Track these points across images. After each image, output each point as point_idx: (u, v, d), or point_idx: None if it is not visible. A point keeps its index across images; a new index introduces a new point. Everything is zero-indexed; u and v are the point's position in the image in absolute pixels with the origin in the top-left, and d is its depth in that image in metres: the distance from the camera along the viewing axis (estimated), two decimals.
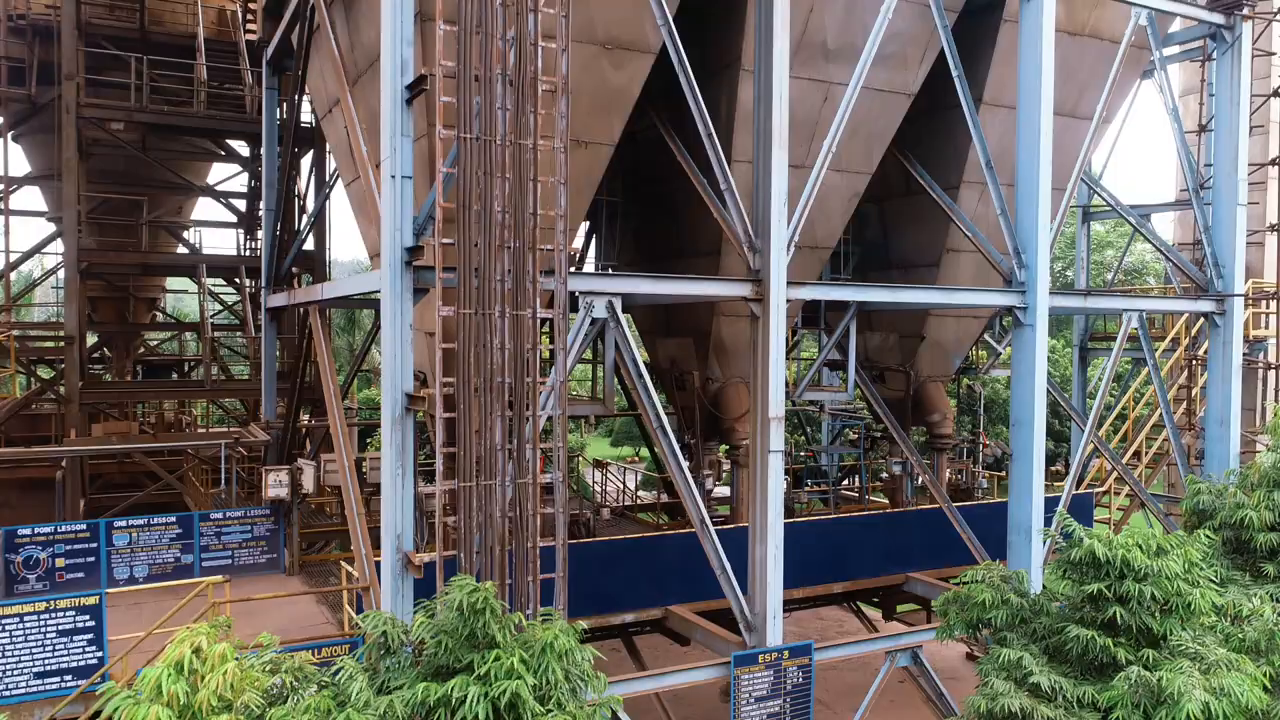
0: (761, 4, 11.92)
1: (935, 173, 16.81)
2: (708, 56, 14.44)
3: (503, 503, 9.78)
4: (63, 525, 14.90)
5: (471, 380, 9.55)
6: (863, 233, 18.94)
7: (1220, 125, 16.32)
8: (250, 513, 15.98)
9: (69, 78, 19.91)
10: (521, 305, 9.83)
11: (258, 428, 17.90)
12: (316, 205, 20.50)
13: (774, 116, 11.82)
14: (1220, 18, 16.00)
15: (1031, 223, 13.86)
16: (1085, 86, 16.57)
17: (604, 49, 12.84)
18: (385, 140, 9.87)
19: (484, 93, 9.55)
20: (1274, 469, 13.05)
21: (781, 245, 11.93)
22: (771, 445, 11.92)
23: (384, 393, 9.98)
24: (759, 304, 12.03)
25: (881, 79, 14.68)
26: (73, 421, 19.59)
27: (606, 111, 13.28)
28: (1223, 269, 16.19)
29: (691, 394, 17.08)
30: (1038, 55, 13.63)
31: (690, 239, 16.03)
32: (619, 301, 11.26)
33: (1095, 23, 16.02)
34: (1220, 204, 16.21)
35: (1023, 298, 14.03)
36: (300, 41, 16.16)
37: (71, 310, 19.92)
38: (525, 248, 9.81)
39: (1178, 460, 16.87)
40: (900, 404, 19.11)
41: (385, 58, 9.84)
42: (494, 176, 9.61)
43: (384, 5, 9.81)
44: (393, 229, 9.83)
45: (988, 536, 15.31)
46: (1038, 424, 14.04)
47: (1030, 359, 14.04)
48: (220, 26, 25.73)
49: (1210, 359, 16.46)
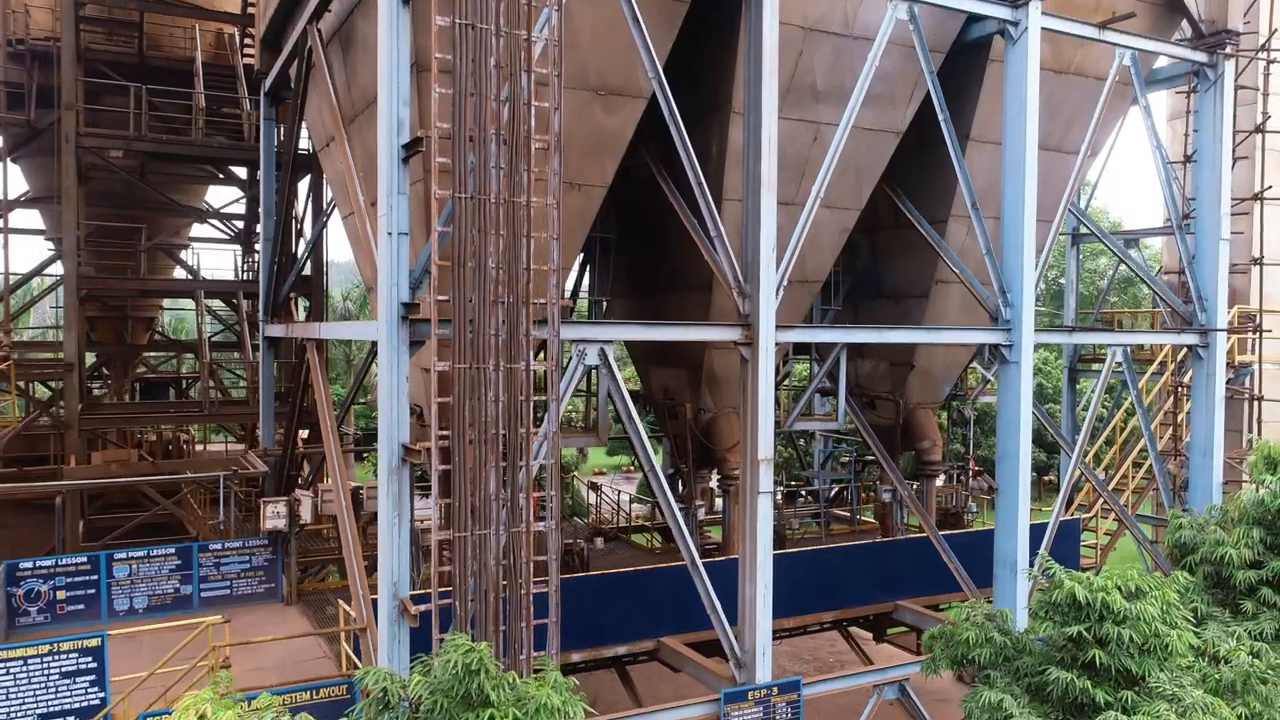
0: (750, 53, 12.18)
1: (924, 206, 17.07)
2: (699, 98, 14.67)
3: (497, 550, 10.02)
4: (63, 558, 15.12)
5: (466, 433, 9.79)
6: (853, 262, 19.20)
7: (1203, 161, 16.60)
8: (248, 543, 16.20)
9: (68, 107, 20.12)
10: (515, 358, 10.06)
11: (255, 455, 18.11)
12: (314, 234, 20.70)
13: (763, 163, 12.07)
14: (1203, 56, 16.28)
15: (1017, 262, 14.12)
16: (1071, 122, 16.84)
17: (597, 94, 13.08)
18: (382, 198, 10.10)
19: (478, 152, 9.78)
20: (1254, 506, 13.32)
21: (770, 290, 12.18)
22: (761, 487, 12.16)
23: (380, 443, 10.21)
24: (748, 347, 12.28)
25: (870, 118, 14.92)
26: (72, 447, 19.79)
27: (599, 155, 13.52)
28: (1206, 302, 16.46)
29: (684, 423, 17.32)
30: (1023, 100, 13.91)
31: (682, 274, 16.27)
32: (611, 349, 11.50)
33: (1081, 61, 16.28)
34: (1203, 238, 16.48)
35: (1008, 335, 14.30)
36: (299, 76, 16.39)
37: (71, 337, 20.12)
38: (519, 302, 10.05)
39: (1161, 490, 17.13)
40: (890, 430, 19.36)
41: (382, 117, 10.07)
42: (488, 233, 9.85)
43: (381, 66, 10.05)
44: (389, 285, 10.07)
45: (977, 563, 15.55)
46: (1023, 459, 14.29)
47: (1016, 395, 14.30)
48: (218, 50, 25.93)
49: (1194, 391, 16.74)
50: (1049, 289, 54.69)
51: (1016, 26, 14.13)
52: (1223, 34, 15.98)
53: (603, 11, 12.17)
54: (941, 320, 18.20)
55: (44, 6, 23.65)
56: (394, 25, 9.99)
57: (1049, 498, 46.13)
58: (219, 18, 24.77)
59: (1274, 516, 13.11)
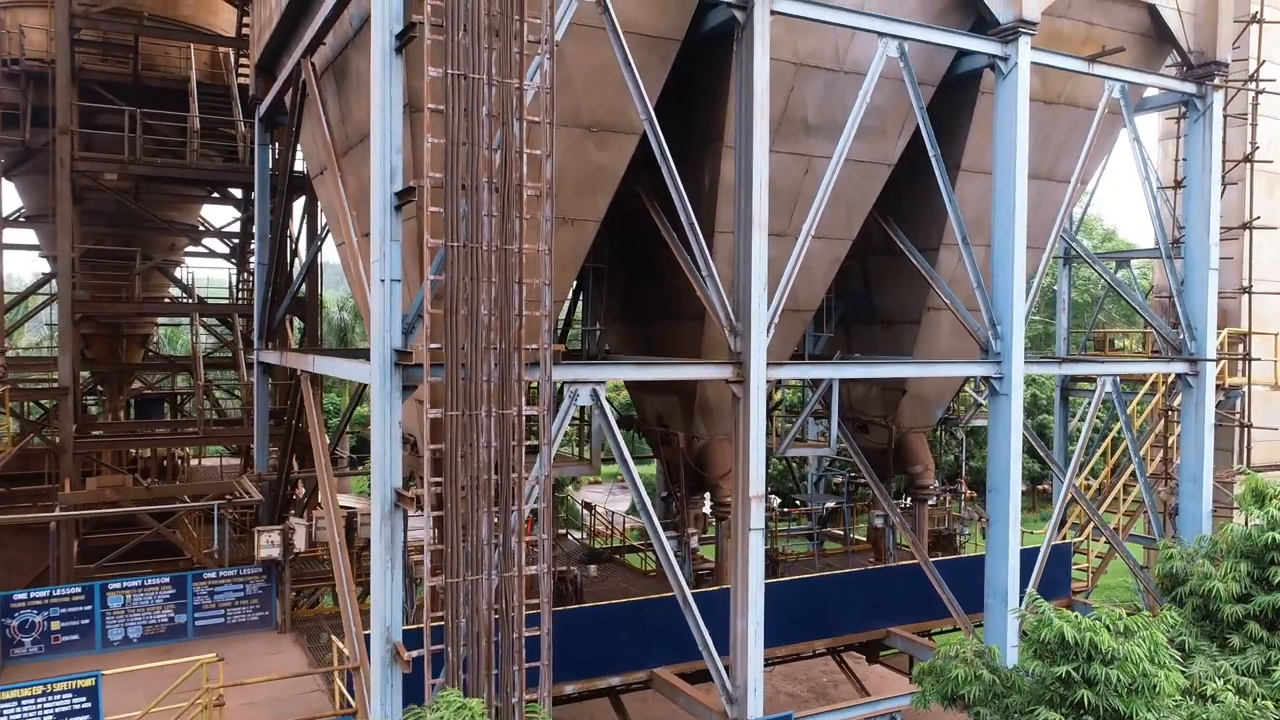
0: (742, 96, 12.26)
1: (915, 234, 17.16)
2: (691, 131, 14.76)
3: (489, 595, 10.09)
4: (57, 589, 15.15)
5: (459, 479, 9.86)
6: (846, 286, 19.27)
7: (1192, 190, 16.71)
8: (243, 571, 16.23)
9: (63, 131, 20.15)
10: (507, 404, 10.14)
11: (250, 480, 18.14)
12: (308, 257, 20.75)
13: (754, 204, 12.15)
14: (1192, 87, 16.40)
15: (1007, 296, 14.22)
16: (1061, 151, 16.94)
17: (589, 132, 13.16)
18: (375, 244, 10.16)
19: (471, 200, 9.86)
20: (1242, 540, 13.40)
21: (762, 328, 12.26)
22: (752, 524, 12.24)
23: (374, 488, 10.27)
24: (740, 385, 12.36)
25: (862, 151, 15.00)
26: (67, 471, 19.82)
27: (592, 190, 13.60)
28: (1195, 331, 16.58)
29: (676, 450, 17.39)
30: (1012, 135, 14.01)
31: (675, 303, 16.34)
32: (603, 389, 11.58)
33: (1071, 91, 16.39)
34: (1193, 267, 16.60)
35: (999, 368, 14.40)
36: (293, 105, 16.45)
37: (65, 360, 20.15)
38: (511, 348, 10.12)
39: (1151, 519, 17.23)
40: (883, 454, 19.46)
41: (375, 165, 10.13)
42: (480, 280, 9.93)
43: (374, 115, 10.11)
44: (382, 331, 10.13)
45: (968, 588, 15.63)
46: (1013, 490, 14.40)
47: (1006, 427, 14.40)
48: (213, 69, 25.97)
49: (1184, 419, 16.86)
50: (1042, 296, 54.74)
51: (1006, 62, 14.24)
52: (1211, 65, 16.09)
53: (595, 52, 12.26)
54: (933, 346, 18.31)
55: (39, 27, 23.69)
56: (387, 74, 10.05)
57: (1042, 506, 46.25)
58: (213, 40, 24.82)
59: (1262, 550, 13.19)
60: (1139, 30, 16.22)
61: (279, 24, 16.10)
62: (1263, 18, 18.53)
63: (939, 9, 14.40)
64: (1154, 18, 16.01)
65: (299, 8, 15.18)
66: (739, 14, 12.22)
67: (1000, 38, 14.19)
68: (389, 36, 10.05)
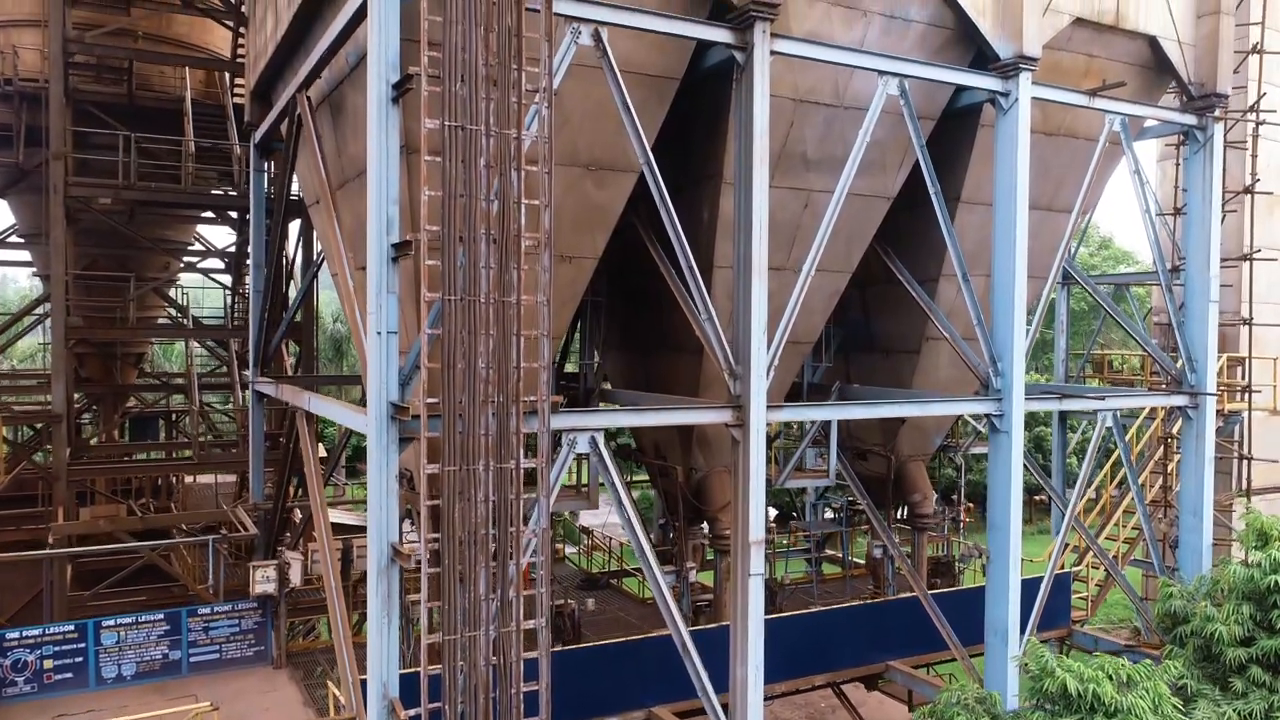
0: (741, 138, 12.16)
1: (915, 265, 17.07)
2: (690, 166, 14.67)
3: (486, 650, 9.97)
4: (50, 627, 15.02)
5: (457, 535, 9.75)
6: (845, 314, 19.18)
7: (1192, 222, 16.65)
8: (238, 606, 16.11)
9: (56, 157, 20.00)
10: (505, 458, 10.02)
11: (245, 512, 18.01)
12: (304, 284, 20.61)
13: (754, 248, 12.05)
14: (1193, 119, 16.33)
15: (1007, 332, 14.14)
16: (1061, 182, 16.87)
17: (588, 170, 13.06)
18: (372, 297, 10.05)
19: (468, 252, 9.74)
20: (1245, 582, 13.34)
21: (761, 372, 12.16)
22: (752, 569, 12.14)
23: (370, 543, 10.16)
24: (739, 429, 12.26)
25: (862, 185, 14.89)
26: (61, 498, 19.66)
27: (590, 228, 13.50)
28: (1195, 363, 16.51)
29: (674, 481, 17.29)
30: (1013, 171, 13.94)
31: (673, 336, 16.22)
32: (601, 436, 11.47)
33: (1071, 123, 16.31)
34: (1193, 300, 16.53)
35: (999, 405, 14.31)
36: (289, 136, 16.33)
37: (59, 386, 20.00)
38: (509, 401, 10.01)
39: (1152, 553, 17.16)
40: (882, 482, 19.37)
41: (372, 216, 10.02)
42: (478, 334, 9.81)
43: (371, 166, 10.00)
44: (379, 384, 10.02)
45: (968, 621, 15.55)
46: (1014, 528, 14.30)
47: (1006, 464, 14.31)
48: (208, 88, 25.84)
49: (1183, 452, 16.79)
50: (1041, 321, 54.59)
51: (1007, 97, 14.15)
52: (1212, 97, 16.02)
53: (593, 90, 12.15)
54: (933, 376, 18.23)
55: (32, 47, 23.55)
56: (383, 125, 9.94)
57: (1040, 519, 46.22)
58: (208, 64, 24.68)
59: (1264, 593, 13.15)
60: (1139, 62, 16.15)
61: (274, 54, 15.97)
62: (1263, 48, 18.50)
63: (939, 44, 14.31)
64: (1154, 49, 15.94)
65: (294, 39, 15.06)
66: (738, 55, 12.12)
67: (1001, 73, 14.11)
68: (385, 86, 9.94)
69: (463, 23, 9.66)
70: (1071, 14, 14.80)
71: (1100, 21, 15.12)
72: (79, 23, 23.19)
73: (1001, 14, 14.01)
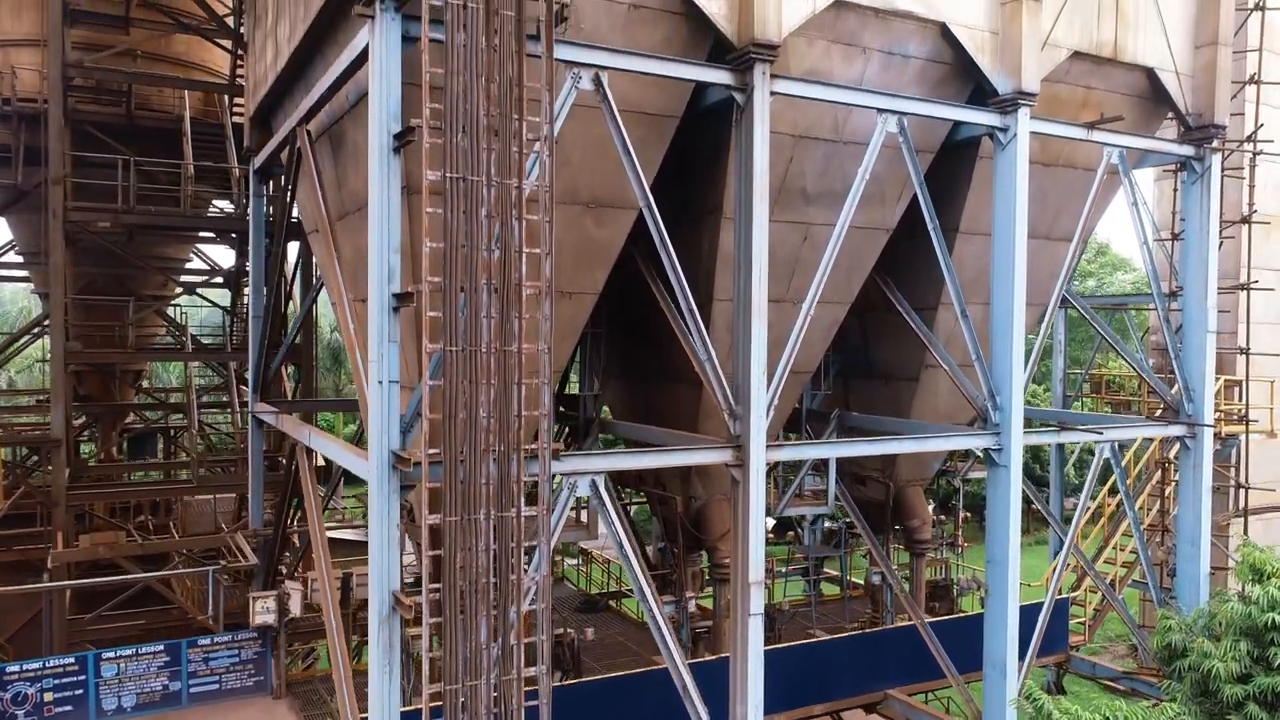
0: (741, 182, 12.20)
1: (914, 293, 17.11)
2: (690, 200, 14.70)
3: (488, 700, 10.00)
4: (50, 660, 15.02)
5: (458, 585, 9.78)
6: (844, 341, 19.20)
7: (1189, 252, 16.69)
8: (237, 636, 16.12)
9: (55, 182, 19.98)
10: (506, 506, 10.05)
11: (245, 540, 18.02)
12: (303, 308, 20.62)
13: (753, 290, 12.09)
14: (1190, 149, 16.38)
15: (1006, 368, 14.19)
16: (1059, 211, 16.91)
17: (588, 208, 13.09)
18: (373, 346, 10.08)
19: (470, 302, 9.77)
20: (1243, 619, 13.36)
21: (761, 413, 12.20)
22: (752, 609, 12.17)
23: (371, 592, 10.18)
24: (739, 469, 12.30)
25: (861, 217, 14.89)
26: (60, 523, 19.66)
27: (590, 264, 13.53)
28: (1193, 393, 16.55)
29: (673, 509, 17.32)
30: (1011, 207, 13.98)
31: (672, 367, 16.23)
32: (602, 480, 11.50)
33: (1070, 154, 16.35)
34: (1190, 330, 16.58)
35: (997, 439, 14.35)
36: (288, 166, 16.36)
37: (58, 411, 19.99)
38: (510, 449, 10.04)
39: (1149, 581, 17.21)
40: (880, 507, 19.42)
41: (373, 266, 10.04)
42: (479, 384, 9.83)
43: (372, 216, 10.02)
44: (380, 433, 10.04)
45: (966, 648, 15.61)
46: (1012, 562, 14.35)
47: (1005, 498, 14.36)
48: (207, 107, 25.83)
49: (1181, 481, 16.84)
50: None
51: (1005, 132, 14.19)
52: (1209, 128, 16.07)
53: (593, 130, 12.16)
54: (932, 404, 18.27)
55: (31, 67, 23.55)
56: (385, 175, 9.96)
57: (1037, 529, 46.26)
58: (207, 87, 24.69)
59: (1261, 630, 13.16)
60: (1137, 92, 16.19)
61: (274, 83, 15.98)
62: (1260, 78, 18.56)
63: (938, 78, 14.35)
64: (1152, 80, 15.97)
65: (294, 71, 15.07)
66: (738, 96, 12.15)
67: (1000, 109, 14.15)
68: (387, 137, 9.97)
69: (464, 74, 9.69)
70: (1070, 47, 14.83)
71: (1098, 54, 15.15)
72: (78, 42, 23.20)
73: (1000, 50, 14.05)
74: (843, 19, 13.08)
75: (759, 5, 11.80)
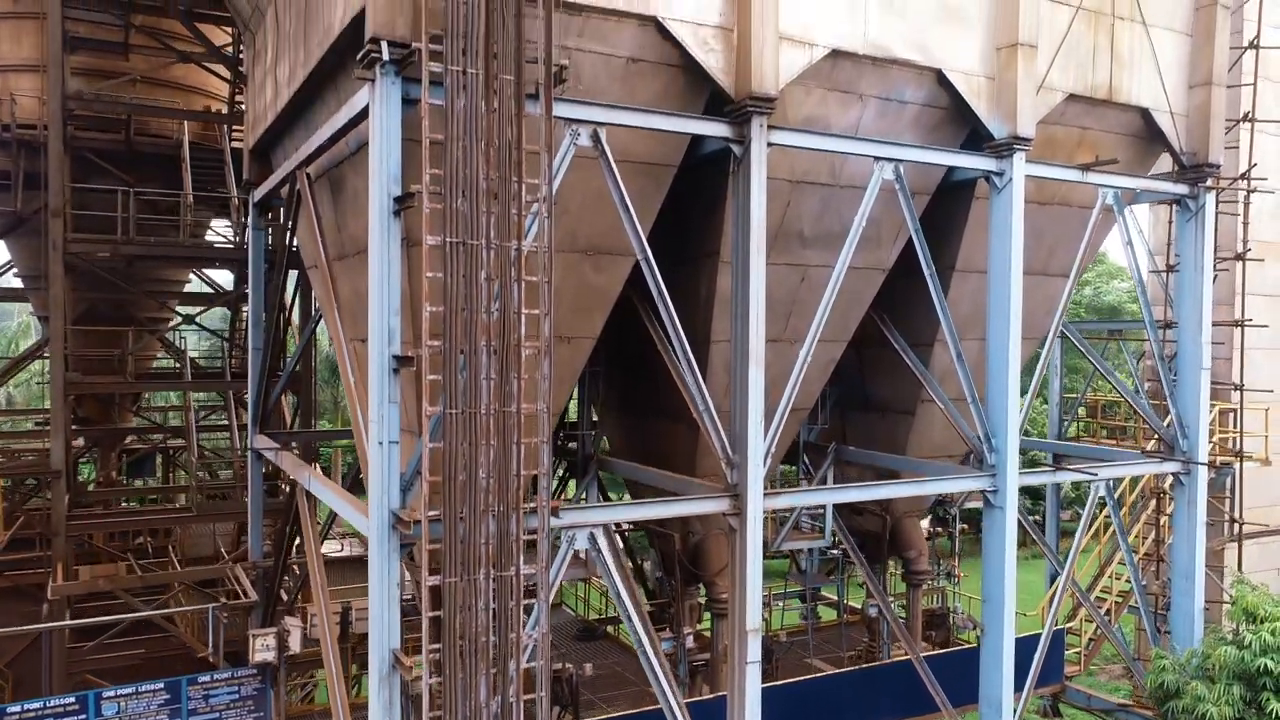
0: (739, 232, 12.29)
1: (911, 329, 17.20)
2: (689, 243, 14.78)
3: None
4: (50, 700, 15.07)
5: (457, 644, 9.86)
6: (841, 373, 19.27)
7: (1184, 290, 16.80)
8: (237, 673, 16.18)
9: (55, 214, 20.03)
10: (505, 565, 10.14)
11: (244, 571, 18.09)
12: (303, 339, 20.68)
13: (750, 339, 12.17)
14: (1185, 188, 16.49)
15: (1001, 412, 14.29)
16: (1055, 249, 17.00)
17: (586, 255, 13.16)
18: (373, 406, 10.16)
19: (469, 365, 9.86)
20: (1236, 663, 13.50)
21: (759, 461, 12.29)
22: (749, 657, 12.27)
23: (371, 650, 10.26)
24: (736, 518, 12.39)
25: (858, 258, 14.94)
26: (60, 555, 19.72)
27: (588, 310, 13.61)
28: (1188, 430, 16.66)
29: (671, 543, 17.40)
30: (1007, 254, 14.11)
31: (671, 405, 16.30)
32: (600, 532, 11.59)
33: (1065, 193, 16.44)
34: (1184, 367, 16.69)
35: (993, 481, 14.46)
36: (288, 203, 16.44)
37: (58, 442, 20.05)
38: (509, 509, 10.12)
39: (1144, 619, 17.32)
40: (877, 538, 19.52)
41: (373, 327, 10.13)
42: (479, 445, 9.92)
43: (372, 279, 10.10)
44: (380, 494, 10.12)
45: (963, 680, 15.69)
46: (1008, 601, 14.46)
47: (1001, 539, 14.46)
48: (206, 129, 25.87)
49: (1176, 517, 16.94)
50: None
51: (1001, 176, 14.30)
52: (1203, 168, 16.18)
53: (592, 180, 12.22)
54: (928, 437, 18.36)
55: (30, 93, 23.59)
56: (385, 239, 10.04)
57: (1033, 542, 46.41)
58: (206, 118, 24.77)
59: (1254, 675, 13.31)
60: (1132, 132, 16.30)
61: (274, 121, 16.06)
62: (1255, 116, 18.67)
63: (934, 123, 14.45)
64: (1147, 120, 16.08)
65: (293, 112, 15.16)
66: (735, 148, 12.25)
67: (995, 153, 14.25)
68: (387, 199, 10.05)
69: (464, 139, 9.78)
70: (1065, 90, 14.93)
71: (1094, 97, 15.26)
72: (77, 68, 23.27)
73: (996, 95, 14.15)
74: (839, 68, 13.18)
75: (756, 59, 11.89)
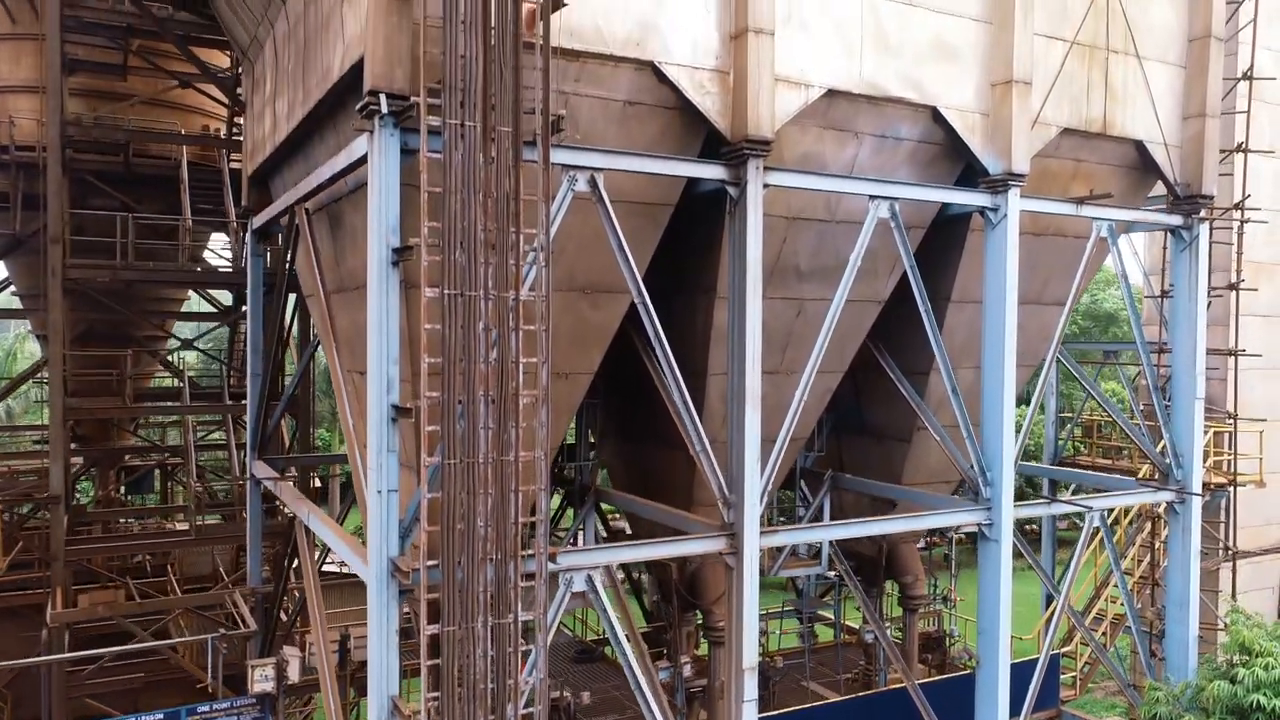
0: (735, 271, 12.38)
1: (907, 358, 17.28)
2: (686, 278, 14.85)
3: None
4: None
5: (456, 692, 9.93)
6: (837, 399, 19.36)
7: (1178, 320, 16.89)
8: (236, 703, 16.23)
9: (54, 241, 20.09)
10: (503, 612, 10.21)
11: (244, 598, 18.16)
12: (301, 364, 20.75)
13: (747, 379, 12.26)
14: (1179, 219, 16.59)
15: (996, 446, 14.38)
16: (1049, 279, 17.08)
17: (583, 293, 13.24)
18: (372, 455, 10.23)
19: (468, 415, 9.93)
20: (1229, 697, 13.60)
21: (755, 501, 12.38)
22: (746, 695, 12.35)
23: (370, 697, 10.34)
24: (733, 556, 12.47)
25: (854, 291, 14.99)
26: (59, 580, 19.77)
27: (586, 346, 13.69)
28: (1182, 459, 16.75)
29: (668, 571, 17.47)
30: (1002, 290, 14.21)
31: (668, 432, 16.36)
32: (599, 574, 11.67)
33: (1060, 224, 16.52)
34: (1179, 397, 16.79)
35: (989, 514, 14.55)
36: (286, 236, 16.51)
37: (57, 469, 20.09)
38: (507, 557, 10.20)
39: (1139, 647, 17.41)
40: (873, 563, 19.61)
41: (372, 377, 10.21)
42: (476, 494, 9.99)
43: (371, 330, 10.18)
44: (379, 541, 10.20)
45: (959, 705, 15.75)
46: (1003, 635, 14.55)
47: (996, 573, 14.55)
48: (205, 150, 25.93)
49: (1170, 545, 17.04)
50: None
51: (996, 211, 14.39)
52: (1197, 199, 16.28)
53: (589, 220, 12.29)
54: (924, 463, 18.44)
55: (30, 116, 23.65)
56: (384, 289, 10.13)
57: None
58: (204, 142, 24.83)
59: (1246, 710, 13.41)
60: (1126, 163, 16.40)
61: (272, 153, 16.14)
62: (1248, 146, 18.78)
63: (929, 159, 14.55)
64: (1141, 152, 16.18)
65: (292, 145, 15.24)
66: (732, 190, 12.33)
67: (990, 189, 14.35)
68: (386, 250, 10.13)
69: (462, 191, 9.85)
70: (1060, 125, 15.03)
71: (1088, 130, 15.36)
72: (75, 89, 23.34)
73: (991, 131, 14.25)
74: (835, 107, 13.27)
75: (752, 102, 11.98)
